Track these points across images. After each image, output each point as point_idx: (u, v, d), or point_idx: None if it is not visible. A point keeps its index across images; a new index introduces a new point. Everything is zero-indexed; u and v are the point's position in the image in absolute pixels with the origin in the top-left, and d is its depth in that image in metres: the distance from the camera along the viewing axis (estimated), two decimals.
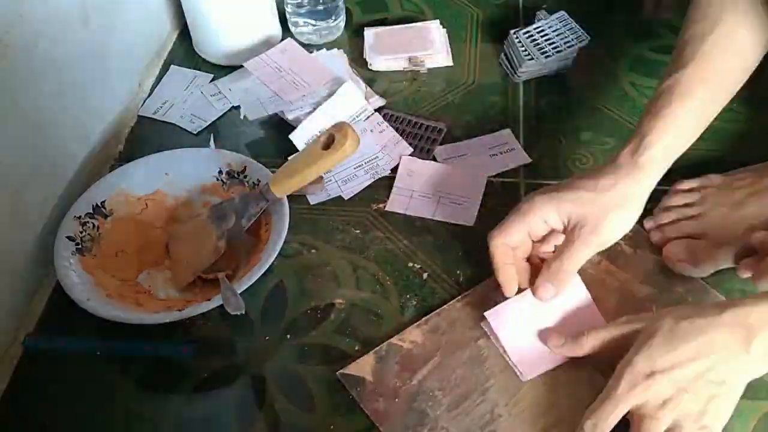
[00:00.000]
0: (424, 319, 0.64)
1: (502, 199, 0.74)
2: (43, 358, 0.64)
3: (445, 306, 0.65)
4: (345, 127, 0.64)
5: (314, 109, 0.79)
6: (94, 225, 0.69)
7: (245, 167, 0.72)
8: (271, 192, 0.66)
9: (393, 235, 0.71)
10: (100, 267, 0.67)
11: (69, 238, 0.67)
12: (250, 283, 0.62)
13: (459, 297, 0.66)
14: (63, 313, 0.67)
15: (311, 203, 0.74)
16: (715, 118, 0.79)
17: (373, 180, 0.76)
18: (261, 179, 0.71)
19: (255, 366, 0.63)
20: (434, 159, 0.77)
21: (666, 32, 0.91)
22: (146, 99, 0.86)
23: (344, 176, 0.76)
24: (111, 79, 0.81)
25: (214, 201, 0.71)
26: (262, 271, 0.63)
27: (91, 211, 0.69)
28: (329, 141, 0.64)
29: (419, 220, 0.73)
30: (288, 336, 0.65)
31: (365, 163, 0.77)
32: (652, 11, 0.92)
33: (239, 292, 0.61)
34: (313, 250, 0.71)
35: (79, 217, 0.68)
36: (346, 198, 0.75)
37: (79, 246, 0.67)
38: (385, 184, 0.76)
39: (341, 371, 0.62)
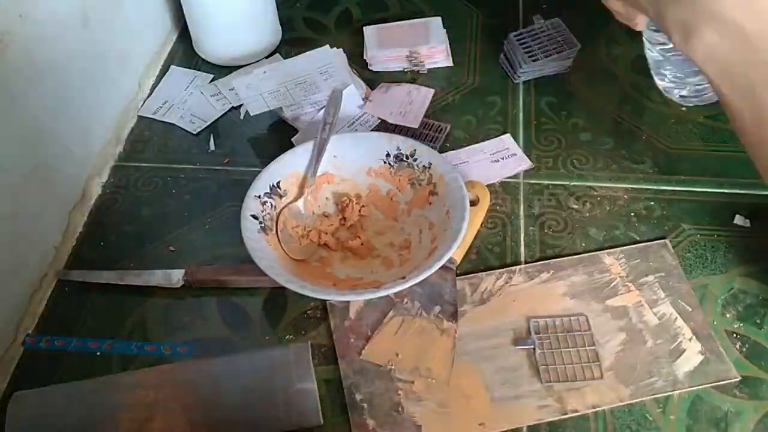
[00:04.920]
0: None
1: (502, 199, 0.74)
2: (43, 358, 0.65)
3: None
4: (476, 183, 0.72)
5: (314, 109, 0.79)
6: (272, 204, 0.69)
7: (414, 150, 0.72)
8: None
9: None
10: (281, 245, 0.68)
11: (253, 216, 0.67)
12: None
13: (466, 276, 0.67)
14: (63, 313, 0.67)
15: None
16: (717, 119, 0.80)
17: None
18: (432, 162, 0.70)
19: None
20: None
21: None
22: (146, 99, 0.86)
23: None
24: (111, 79, 0.81)
25: (380, 184, 0.73)
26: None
27: (268, 190, 0.69)
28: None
29: None
30: (288, 336, 0.65)
31: None
32: None
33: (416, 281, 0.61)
34: None
35: (259, 197, 0.68)
36: None
37: (262, 225, 0.67)
38: None
39: (331, 301, 0.65)
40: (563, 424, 0.58)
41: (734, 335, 0.63)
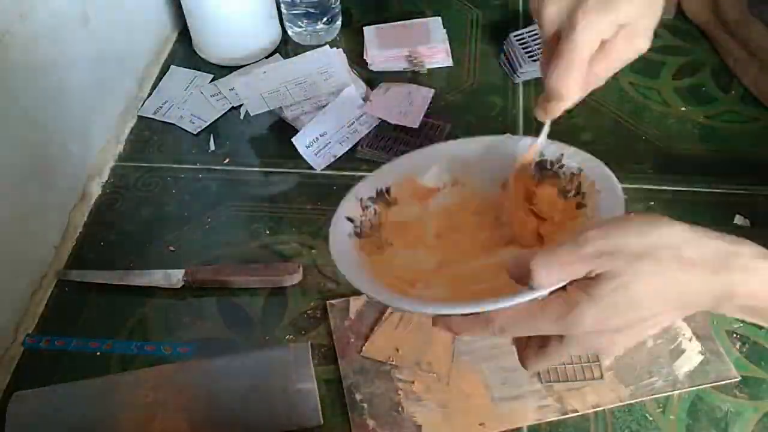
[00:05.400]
0: None
1: None
2: (43, 358, 0.65)
3: None
4: None
5: (315, 109, 0.79)
6: (375, 211, 0.57)
7: (561, 155, 0.59)
8: None
9: None
10: (377, 258, 0.56)
11: (348, 219, 0.56)
12: None
13: None
14: (63, 313, 0.67)
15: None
16: (717, 119, 0.80)
17: None
18: (583, 168, 0.57)
19: None
20: None
21: (666, 32, 0.91)
22: (146, 99, 0.86)
23: None
24: (111, 79, 0.81)
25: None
26: None
27: (374, 195, 0.58)
28: None
29: None
30: (288, 336, 0.65)
31: None
32: None
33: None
34: (313, 250, 0.71)
35: (361, 200, 0.57)
36: None
37: (357, 230, 0.56)
38: None
39: (331, 301, 0.66)
40: (563, 424, 0.58)
41: (734, 335, 0.63)
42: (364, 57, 0.88)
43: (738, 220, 0.70)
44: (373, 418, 0.59)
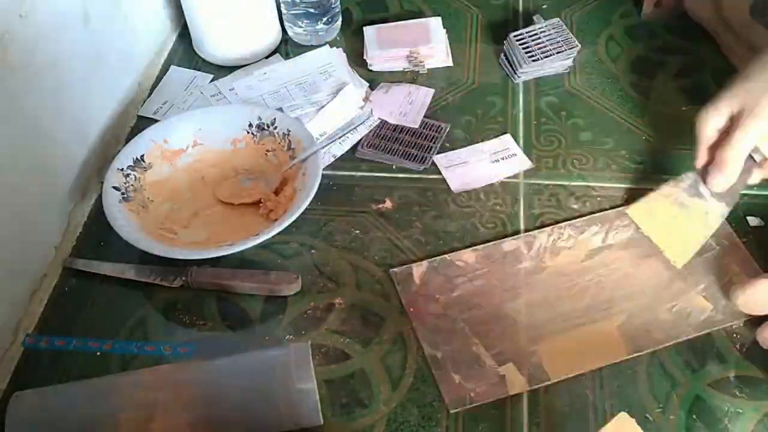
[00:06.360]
0: (482, 246, 0.69)
1: (502, 199, 0.74)
2: (43, 358, 0.65)
3: (504, 239, 0.70)
4: None
5: (314, 109, 0.79)
6: (135, 177, 0.73)
7: (275, 119, 0.76)
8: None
9: (393, 235, 0.71)
10: (144, 215, 0.71)
11: (114, 188, 0.70)
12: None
13: (519, 235, 0.70)
14: (63, 313, 0.67)
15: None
16: None
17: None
18: (291, 129, 0.75)
19: None
20: (434, 163, 0.77)
21: (665, 33, 0.91)
22: (146, 99, 0.86)
23: None
24: (111, 79, 0.81)
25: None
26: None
27: (132, 163, 0.73)
28: None
29: (420, 221, 0.73)
30: (288, 336, 0.65)
31: None
32: (651, 12, 0.92)
33: (284, 227, 0.66)
34: (313, 250, 0.71)
35: (122, 169, 0.72)
36: None
37: (125, 195, 0.71)
38: (385, 185, 0.76)
39: (394, 269, 0.68)
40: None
41: (734, 335, 0.63)
42: (364, 57, 0.88)
43: (753, 221, 0.70)
44: (457, 373, 0.61)
